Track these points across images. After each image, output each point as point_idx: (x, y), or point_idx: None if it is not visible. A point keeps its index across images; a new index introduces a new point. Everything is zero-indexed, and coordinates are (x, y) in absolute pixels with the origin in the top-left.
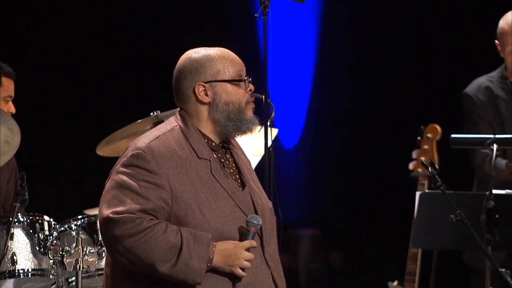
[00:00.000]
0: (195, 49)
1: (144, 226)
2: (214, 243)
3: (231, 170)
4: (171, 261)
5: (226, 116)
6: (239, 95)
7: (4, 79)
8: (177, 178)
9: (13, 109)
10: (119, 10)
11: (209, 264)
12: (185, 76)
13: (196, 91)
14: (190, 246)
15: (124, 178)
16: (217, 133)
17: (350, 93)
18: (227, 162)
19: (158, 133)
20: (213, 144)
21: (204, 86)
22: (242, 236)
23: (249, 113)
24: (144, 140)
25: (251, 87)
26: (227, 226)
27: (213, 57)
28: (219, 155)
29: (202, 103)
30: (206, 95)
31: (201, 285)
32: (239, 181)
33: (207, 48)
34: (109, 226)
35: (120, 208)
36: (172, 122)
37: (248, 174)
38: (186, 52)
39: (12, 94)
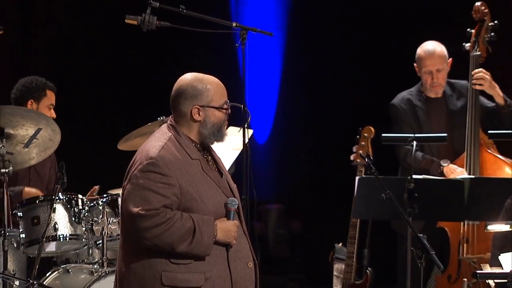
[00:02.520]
0: (197, 77)
1: (167, 217)
2: (216, 223)
3: (211, 163)
4: (187, 241)
5: (211, 132)
6: (222, 117)
7: (48, 91)
8: (182, 177)
9: (54, 115)
10: (133, 46)
11: (214, 239)
12: (185, 97)
13: (192, 112)
14: (201, 228)
15: (145, 182)
16: (200, 140)
17: (308, 103)
18: (208, 157)
19: (161, 143)
20: (199, 146)
21: (198, 109)
22: (227, 214)
23: (224, 129)
24: (153, 150)
25: (229, 111)
26: (219, 209)
27: (209, 88)
28: (202, 154)
29: (195, 121)
30: (199, 115)
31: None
32: (216, 170)
33: (205, 78)
34: (138, 220)
35: (147, 206)
36: (166, 132)
37: (221, 164)
38: (190, 77)
39: (53, 103)
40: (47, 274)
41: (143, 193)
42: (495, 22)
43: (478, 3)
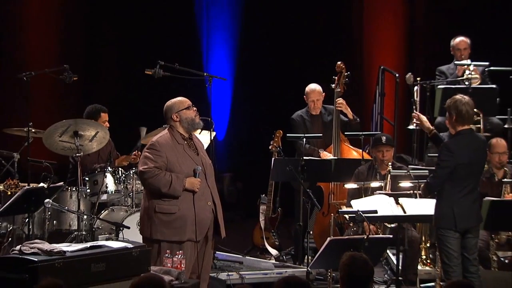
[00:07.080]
0: (169, 100)
1: (156, 173)
2: (185, 178)
3: (192, 148)
4: (167, 187)
5: (187, 124)
6: (191, 114)
7: (102, 113)
8: (169, 153)
9: (107, 125)
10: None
11: (183, 187)
12: (167, 111)
13: (173, 117)
14: (175, 181)
15: (147, 154)
16: (185, 132)
17: (247, 117)
18: (190, 143)
19: (161, 134)
20: (185, 136)
21: (175, 115)
22: (194, 174)
23: (197, 120)
24: (155, 138)
25: (195, 108)
26: (190, 172)
27: (175, 102)
28: (186, 142)
29: (176, 121)
30: (177, 117)
31: (181, 196)
32: (195, 151)
33: (173, 99)
34: (141, 174)
35: (146, 166)
36: (166, 130)
37: (200, 149)
38: (167, 102)
39: (107, 119)
40: (102, 212)
41: (145, 159)
42: (348, 73)
43: (339, 62)
